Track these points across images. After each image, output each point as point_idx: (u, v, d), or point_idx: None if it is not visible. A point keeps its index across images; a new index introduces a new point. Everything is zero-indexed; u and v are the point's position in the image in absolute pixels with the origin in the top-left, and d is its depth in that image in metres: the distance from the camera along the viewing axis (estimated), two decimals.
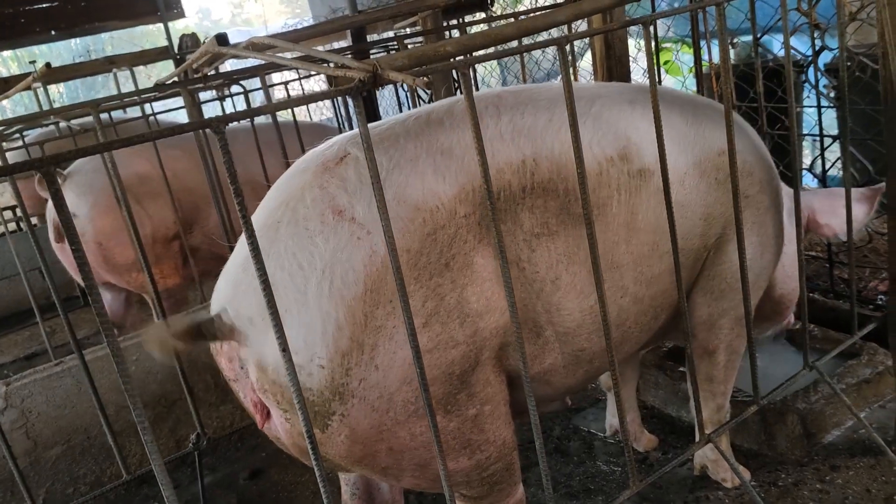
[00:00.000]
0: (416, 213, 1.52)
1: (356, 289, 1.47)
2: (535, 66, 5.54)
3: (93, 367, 2.26)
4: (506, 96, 1.76)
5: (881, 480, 2.27)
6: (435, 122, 1.67)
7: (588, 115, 1.78)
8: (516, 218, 1.63)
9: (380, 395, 1.51)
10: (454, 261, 1.54)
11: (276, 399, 1.54)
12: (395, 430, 1.55)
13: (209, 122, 1.13)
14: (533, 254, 1.65)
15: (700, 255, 1.96)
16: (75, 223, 3.46)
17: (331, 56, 1.35)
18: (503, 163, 1.63)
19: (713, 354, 2.16)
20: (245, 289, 1.54)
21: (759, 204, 2.03)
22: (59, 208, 1.06)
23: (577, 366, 1.81)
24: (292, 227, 1.52)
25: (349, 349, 1.47)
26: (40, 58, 6.48)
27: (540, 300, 1.68)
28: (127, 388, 1.12)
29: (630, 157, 1.77)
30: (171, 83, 2.33)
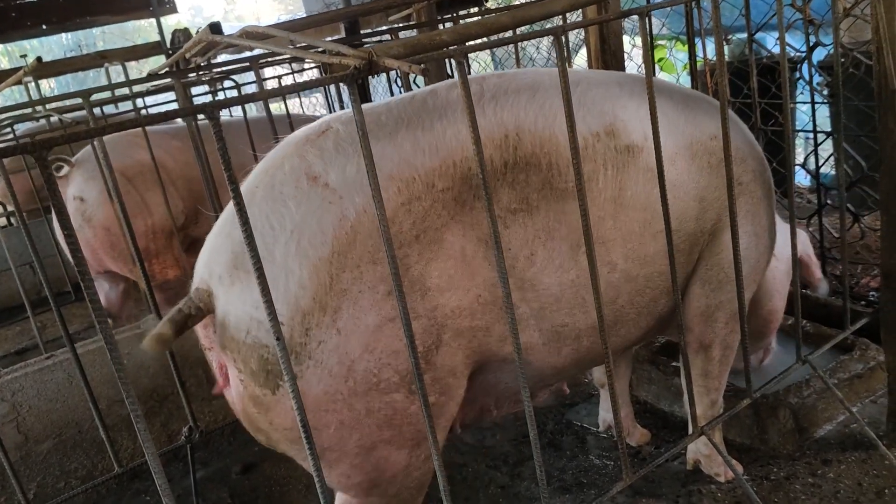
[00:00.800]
0: (388, 182, 1.53)
1: (323, 250, 1.48)
2: (530, 62, 5.53)
3: (84, 360, 2.25)
4: (489, 78, 1.78)
5: (872, 474, 2.28)
6: (418, 101, 1.69)
7: (574, 94, 1.77)
8: (495, 194, 1.63)
9: (339, 361, 1.49)
10: (425, 234, 1.55)
11: (234, 357, 1.54)
12: (350, 401, 1.53)
13: (203, 108, 1.12)
14: (506, 230, 1.65)
15: (697, 241, 1.95)
16: (84, 208, 3.49)
17: (326, 44, 1.34)
18: (485, 138, 1.62)
19: (708, 349, 2.16)
20: (218, 248, 1.58)
21: (752, 193, 2.03)
22: (52, 194, 1.05)
23: (559, 343, 1.79)
24: (268, 190, 1.55)
25: (310, 309, 1.47)
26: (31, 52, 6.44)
27: (512, 276, 1.66)
28: (120, 376, 1.11)
29: (617, 133, 1.77)
30: (163, 73, 2.31)
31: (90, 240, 3.50)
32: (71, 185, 3.48)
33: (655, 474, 2.47)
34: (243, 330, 1.50)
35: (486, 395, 1.86)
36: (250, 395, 1.56)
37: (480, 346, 1.67)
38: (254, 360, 1.51)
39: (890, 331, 2.26)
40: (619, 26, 2.82)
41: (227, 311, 1.53)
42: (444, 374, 1.62)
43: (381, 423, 1.57)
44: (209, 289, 1.55)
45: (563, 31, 1.47)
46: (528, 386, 1.57)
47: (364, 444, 1.60)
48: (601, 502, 1.82)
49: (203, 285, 1.56)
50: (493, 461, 2.71)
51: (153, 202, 3.45)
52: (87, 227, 3.48)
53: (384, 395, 1.55)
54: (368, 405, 1.55)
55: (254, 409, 1.58)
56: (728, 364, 2.23)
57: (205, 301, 1.54)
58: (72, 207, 3.48)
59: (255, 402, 1.56)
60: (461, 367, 1.66)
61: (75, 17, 7.17)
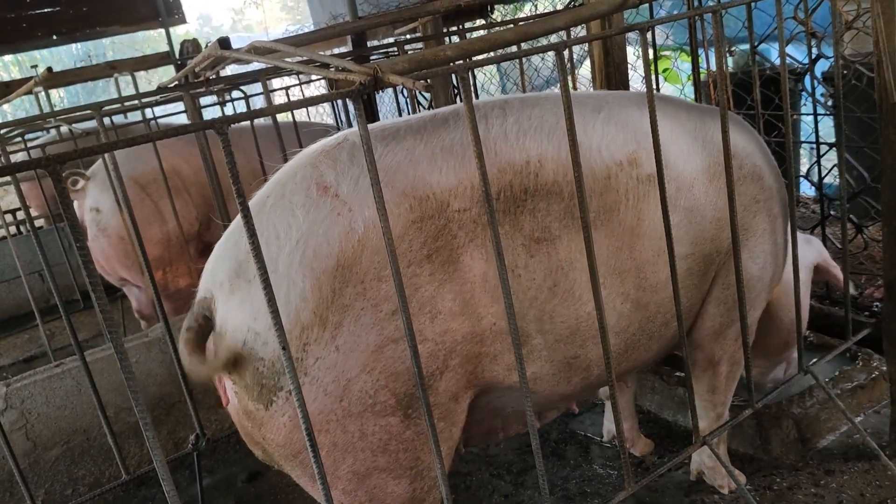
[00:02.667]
0: (401, 199, 1.51)
1: (327, 262, 1.44)
2: (535, 73, 5.57)
3: (92, 368, 2.27)
4: (513, 101, 1.76)
5: (875, 485, 2.28)
6: (440, 120, 1.67)
7: (597, 119, 1.77)
8: (516, 221, 1.60)
9: (335, 379, 1.45)
10: (437, 254, 1.51)
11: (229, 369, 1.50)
12: (344, 422, 1.47)
13: (212, 124, 1.15)
14: (531, 259, 1.61)
15: (712, 261, 1.94)
16: (99, 218, 3.55)
17: (332, 60, 1.37)
18: (505, 162, 1.60)
19: (717, 366, 2.16)
20: (223, 256, 1.56)
21: (769, 211, 2.02)
22: (64, 207, 1.08)
23: (569, 373, 1.77)
24: (279, 199, 1.53)
25: (310, 323, 1.43)
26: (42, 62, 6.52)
27: (533, 308, 1.64)
28: (129, 384, 1.13)
29: (639, 162, 1.75)
30: (173, 86, 2.35)
31: (105, 249, 3.56)
32: (87, 197, 3.55)
33: (659, 484, 2.48)
34: (240, 341, 1.46)
35: (494, 417, 1.84)
36: (244, 409, 1.52)
37: (485, 373, 1.63)
38: (248, 372, 1.47)
39: (892, 341, 2.27)
40: (622, 39, 2.85)
41: (225, 318, 1.49)
42: (446, 400, 1.58)
43: (376, 447, 1.52)
44: (213, 297, 1.53)
45: (565, 47, 1.49)
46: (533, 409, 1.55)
47: (357, 471, 1.54)
48: None
49: (207, 294, 1.54)
50: (496, 470, 2.73)
51: (168, 209, 3.49)
52: (103, 237, 3.54)
53: (379, 419, 1.49)
54: (363, 428, 1.49)
55: (248, 423, 1.54)
56: (735, 379, 2.23)
57: (210, 310, 1.52)
58: (88, 218, 3.55)
59: (249, 416, 1.52)
60: (462, 391, 1.62)
61: (85, 28, 7.26)
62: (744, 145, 2.00)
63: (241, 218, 1.49)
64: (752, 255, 2.02)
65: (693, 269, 1.89)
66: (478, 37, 1.57)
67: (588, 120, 1.77)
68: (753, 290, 2.08)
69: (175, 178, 3.46)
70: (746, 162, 1.97)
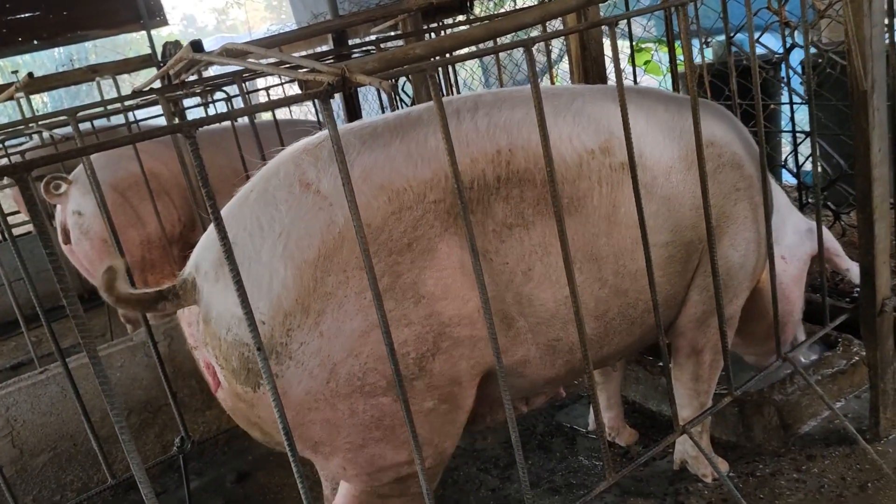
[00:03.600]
0: (380, 192, 1.57)
1: (309, 253, 1.51)
2: (516, 69, 5.58)
3: (78, 374, 2.28)
4: (485, 96, 1.81)
5: (856, 469, 2.31)
6: (414, 117, 1.73)
7: (569, 111, 1.81)
8: (488, 209, 1.66)
9: (321, 363, 1.52)
10: (417, 242, 1.58)
11: (215, 354, 1.57)
12: (333, 401, 1.56)
13: (180, 127, 1.15)
14: (502, 244, 1.67)
15: (694, 248, 1.96)
16: (81, 221, 3.54)
17: (301, 61, 1.38)
18: (477, 153, 1.67)
19: (700, 354, 2.19)
20: (208, 245, 1.62)
21: (750, 198, 2.05)
22: (32, 213, 1.08)
23: (553, 356, 1.82)
24: (262, 194, 1.60)
25: (293, 310, 1.50)
26: (23, 68, 6.50)
27: (510, 291, 1.70)
28: (104, 389, 1.14)
29: (612, 151, 1.79)
30: (147, 90, 2.35)
31: (88, 252, 3.56)
32: (70, 201, 3.54)
33: (643, 473, 2.50)
34: (224, 327, 1.54)
35: (481, 404, 1.87)
36: (233, 392, 1.61)
37: (483, 357, 1.68)
38: (234, 357, 1.54)
39: (869, 326, 2.30)
40: (599, 33, 2.87)
41: (209, 306, 1.56)
42: (444, 382, 1.64)
43: (369, 423, 1.60)
44: (193, 280, 1.59)
45: (532, 43, 1.50)
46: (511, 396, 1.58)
47: (354, 441, 1.62)
48: (586, 501, 1.85)
49: (188, 276, 1.61)
50: (483, 464, 2.75)
51: (148, 213, 3.49)
52: (86, 240, 3.54)
53: (370, 398, 1.57)
54: (352, 407, 1.57)
55: (239, 404, 1.63)
56: (718, 368, 2.25)
57: (185, 291, 1.58)
58: (71, 222, 3.55)
59: (239, 398, 1.61)
60: (466, 376, 1.67)
61: (66, 32, 7.21)
62: (722, 134, 2.02)
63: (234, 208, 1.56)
64: (733, 243, 2.04)
65: (675, 256, 1.92)
66: (448, 34, 1.58)
67: (560, 111, 1.81)
68: (735, 277, 2.10)
69: (154, 181, 3.45)
70: (726, 150, 2.00)
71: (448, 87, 3.66)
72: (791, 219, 2.42)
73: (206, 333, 1.59)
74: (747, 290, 2.20)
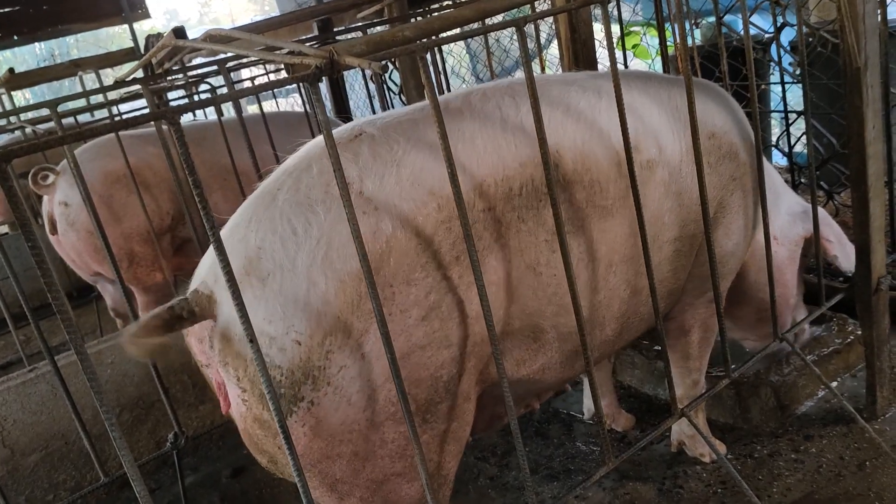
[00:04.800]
0: (430, 198, 1.43)
1: (353, 264, 1.34)
2: (504, 55, 5.54)
3: (68, 371, 2.24)
4: (517, 86, 1.70)
5: (854, 447, 2.31)
6: (453, 111, 1.59)
7: (601, 106, 1.73)
8: (539, 216, 1.55)
9: (360, 389, 1.37)
10: (465, 256, 1.44)
11: (237, 375, 1.39)
12: (367, 432, 1.41)
13: (164, 114, 1.12)
14: (553, 255, 1.57)
15: (696, 240, 1.95)
16: (68, 212, 3.50)
17: (287, 44, 1.34)
18: (526, 156, 1.55)
19: (689, 333, 2.19)
20: (229, 252, 1.39)
21: (744, 186, 2.02)
22: (14, 206, 1.05)
23: (574, 360, 1.77)
24: (293, 194, 1.42)
25: (333, 329, 1.34)
26: (4, 63, 6.41)
27: (551, 305, 1.60)
28: (92, 386, 1.11)
29: (640, 148, 1.74)
30: (130, 80, 2.30)
31: (75, 243, 3.52)
32: (57, 192, 3.50)
33: (641, 458, 2.49)
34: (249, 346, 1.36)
35: (497, 404, 1.81)
36: (256, 418, 1.42)
37: (492, 370, 1.60)
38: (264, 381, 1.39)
39: (864, 305, 2.29)
40: (588, 15, 2.83)
41: (231, 322, 1.37)
42: (462, 401, 1.54)
43: (394, 454, 1.46)
44: (211, 293, 1.40)
45: (525, 23, 1.47)
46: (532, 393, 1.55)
47: (375, 478, 1.48)
48: (586, 487, 1.83)
49: (204, 289, 1.41)
50: (481, 453, 2.73)
51: (138, 204, 3.45)
52: (72, 231, 3.50)
53: (399, 426, 1.44)
54: (383, 436, 1.43)
55: (259, 431, 1.45)
56: (709, 345, 2.25)
57: (202, 305, 1.38)
58: (58, 213, 3.51)
59: (262, 425, 1.43)
60: (472, 391, 1.59)
61: (47, 27, 7.11)
62: (722, 123, 1.97)
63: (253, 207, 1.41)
64: (727, 232, 2.03)
65: (682, 250, 1.90)
66: (437, 15, 1.55)
67: (594, 104, 1.73)
68: (727, 265, 2.10)
69: (142, 174, 3.41)
70: (724, 141, 1.96)
71: (436, 73, 3.62)
72: (785, 199, 2.40)
73: (225, 353, 1.39)
74: (733, 272, 2.19)
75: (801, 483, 2.22)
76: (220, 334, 1.40)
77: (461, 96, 1.67)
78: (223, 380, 1.45)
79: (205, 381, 1.58)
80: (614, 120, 1.68)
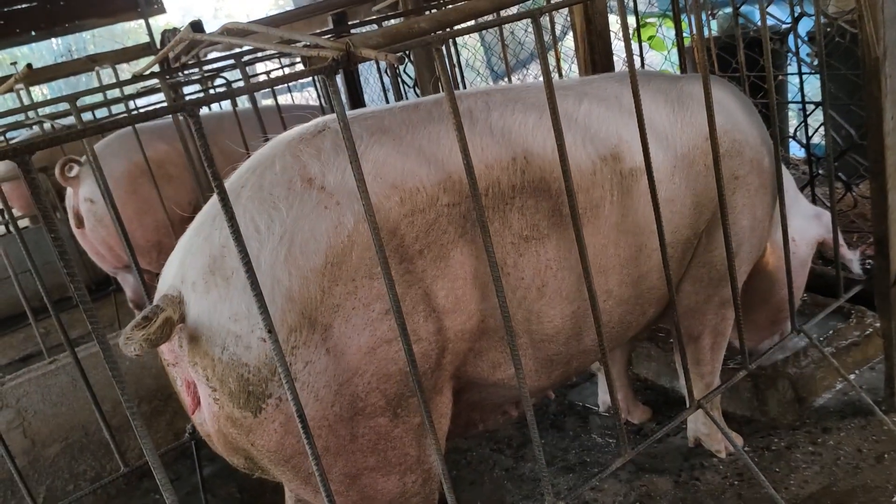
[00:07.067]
0: (392, 191, 1.44)
1: (315, 260, 1.35)
2: (519, 47, 5.52)
3: (88, 363, 2.26)
4: (495, 94, 1.71)
5: (872, 440, 2.29)
6: (423, 111, 1.61)
7: (578, 113, 1.73)
8: (505, 218, 1.56)
9: (326, 384, 1.37)
10: (429, 249, 1.45)
11: (206, 375, 1.38)
12: (336, 426, 1.41)
13: (183, 106, 1.13)
14: (520, 258, 1.57)
15: (690, 244, 1.93)
16: (94, 209, 3.55)
17: (305, 37, 1.34)
18: (492, 159, 1.56)
19: (699, 339, 2.17)
20: (194, 251, 1.43)
21: (748, 185, 1.99)
22: (36, 198, 1.06)
23: (550, 369, 1.76)
24: (256, 191, 1.42)
25: (298, 325, 1.34)
26: (22, 59, 6.46)
27: (521, 308, 1.61)
28: (114, 375, 1.12)
29: (622, 157, 1.72)
30: (148, 73, 2.32)
31: (105, 238, 3.58)
32: (82, 187, 3.55)
33: (658, 450, 2.49)
34: (218, 345, 1.36)
35: (473, 410, 1.82)
36: (227, 416, 1.42)
37: (468, 369, 1.61)
38: (232, 379, 1.37)
39: (883, 297, 2.27)
40: (604, 6, 2.82)
41: (199, 322, 1.37)
42: (433, 396, 1.54)
43: (366, 448, 1.46)
44: (179, 295, 1.40)
45: (541, 14, 1.47)
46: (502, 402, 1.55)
47: (348, 473, 1.48)
48: (602, 478, 1.83)
49: (173, 291, 1.41)
50: (497, 444, 2.74)
51: (165, 195, 3.49)
52: (101, 227, 3.56)
53: (369, 420, 1.43)
54: (353, 431, 1.43)
55: (232, 430, 1.44)
56: (721, 349, 2.24)
57: (174, 308, 1.37)
58: (84, 209, 3.56)
59: (234, 423, 1.43)
60: (446, 385, 1.58)
61: (63, 22, 7.17)
62: (723, 121, 1.91)
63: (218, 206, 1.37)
64: None
65: (673, 256, 1.88)
66: (452, 7, 1.55)
67: (570, 114, 1.73)
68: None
69: (165, 166, 3.46)
70: (725, 139, 1.92)
71: (451, 65, 3.62)
72: (798, 203, 2.39)
73: (193, 352, 1.39)
74: (744, 274, 2.17)
75: (819, 475, 2.21)
76: (188, 334, 1.39)
77: (432, 100, 1.68)
78: (193, 379, 1.45)
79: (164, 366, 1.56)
80: (591, 128, 1.69)
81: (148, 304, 2.37)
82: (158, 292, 1.48)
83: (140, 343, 1.30)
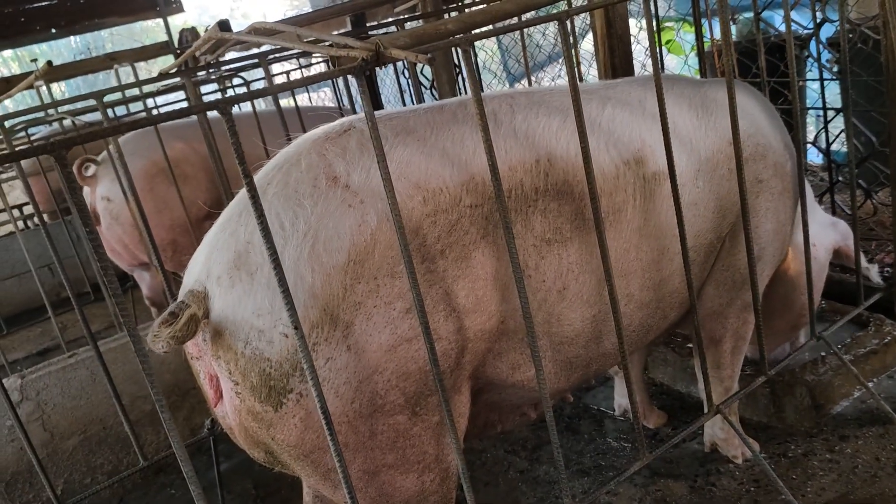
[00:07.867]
0: (415, 191, 1.45)
1: (338, 257, 1.37)
2: (537, 49, 5.52)
3: (107, 358, 2.28)
4: (519, 97, 1.72)
5: (890, 449, 2.28)
6: (448, 112, 1.62)
7: (601, 118, 1.74)
8: (527, 221, 1.57)
9: (347, 381, 1.39)
10: (451, 249, 1.47)
11: (229, 368, 1.41)
12: (355, 423, 1.43)
13: (216, 104, 1.14)
14: (542, 261, 1.59)
15: (714, 248, 1.93)
16: (111, 207, 3.60)
17: (333, 37, 1.36)
18: (516, 161, 1.57)
19: (720, 343, 2.17)
20: (220, 246, 1.46)
21: (772, 189, 1.99)
22: (72, 192, 1.08)
23: (570, 371, 1.77)
24: (281, 188, 1.44)
25: (320, 321, 1.36)
26: (41, 57, 6.55)
27: (542, 311, 1.62)
28: (144, 367, 1.14)
29: (645, 161, 1.73)
30: (173, 72, 2.34)
31: (122, 237, 3.61)
32: (99, 186, 3.58)
33: (674, 455, 2.48)
34: (241, 340, 1.38)
35: (491, 411, 1.83)
36: (249, 410, 1.44)
37: (486, 369, 1.62)
38: (254, 373, 1.39)
39: None
40: (624, 9, 2.82)
41: (223, 316, 1.40)
42: (452, 395, 1.55)
43: (384, 446, 1.48)
44: (204, 290, 1.43)
45: (567, 16, 1.48)
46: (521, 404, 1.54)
47: (367, 469, 1.50)
48: (619, 482, 1.84)
49: (198, 287, 1.44)
50: (511, 446, 2.74)
51: (184, 194, 3.52)
52: (117, 225, 3.59)
53: (388, 418, 1.45)
54: (372, 428, 1.45)
55: (253, 423, 1.46)
56: (741, 353, 2.23)
57: (199, 304, 1.40)
58: (100, 207, 3.59)
59: (255, 417, 1.45)
60: (465, 385, 1.60)
61: (83, 20, 7.24)
62: (746, 126, 1.92)
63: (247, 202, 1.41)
64: (752, 236, 2.00)
65: (695, 260, 1.88)
66: (478, 9, 1.56)
67: (594, 117, 1.74)
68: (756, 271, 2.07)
69: (183, 165, 3.49)
70: (748, 143, 1.93)
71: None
72: (815, 211, 2.38)
73: (216, 346, 1.42)
74: (766, 278, 2.16)
75: (836, 483, 2.20)
76: (212, 328, 1.42)
77: (457, 101, 1.69)
78: (216, 372, 1.48)
79: None
80: (615, 132, 1.70)
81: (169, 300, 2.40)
82: (184, 287, 1.51)
83: (167, 340, 1.32)
